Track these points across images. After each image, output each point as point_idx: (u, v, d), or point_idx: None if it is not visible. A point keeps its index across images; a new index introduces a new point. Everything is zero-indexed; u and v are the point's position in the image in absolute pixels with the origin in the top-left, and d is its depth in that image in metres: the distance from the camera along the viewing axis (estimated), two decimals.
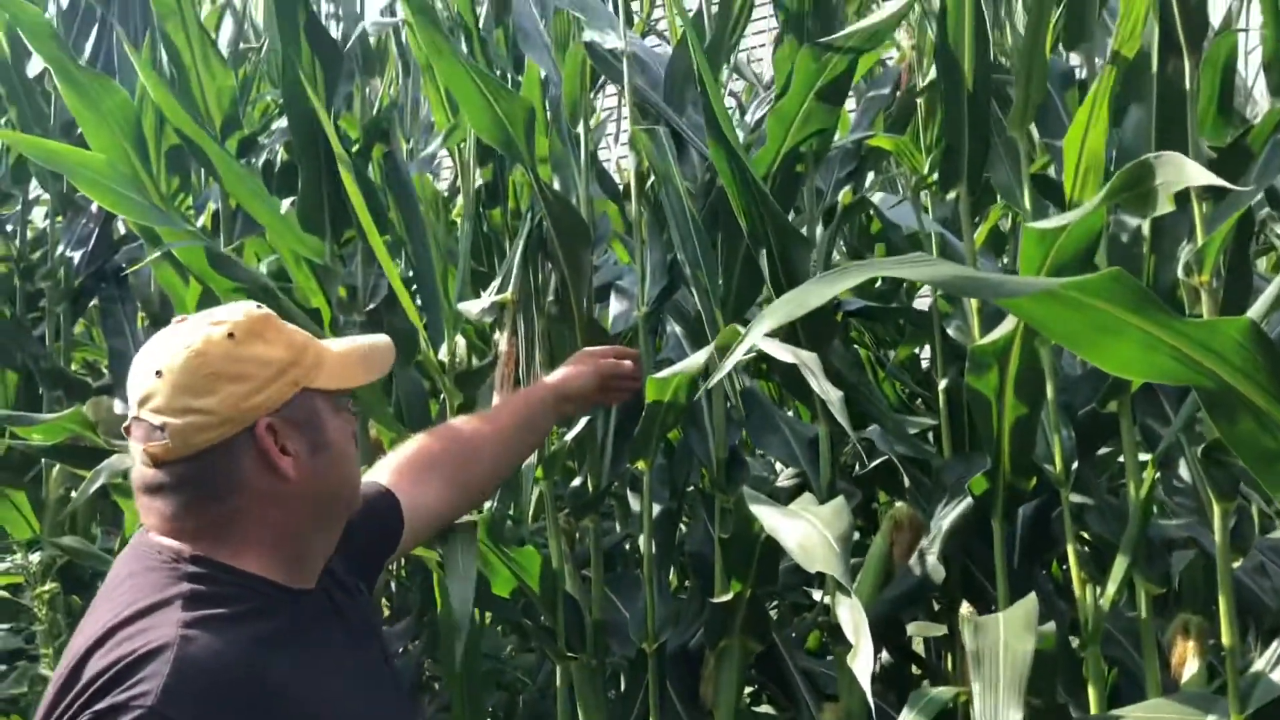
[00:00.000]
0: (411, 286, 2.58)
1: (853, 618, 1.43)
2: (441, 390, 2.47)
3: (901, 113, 2.61)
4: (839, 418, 1.45)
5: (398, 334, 2.51)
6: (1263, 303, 1.40)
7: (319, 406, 1.31)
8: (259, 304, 1.35)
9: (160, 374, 1.23)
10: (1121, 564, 1.63)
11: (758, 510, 1.70)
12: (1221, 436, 1.27)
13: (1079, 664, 1.79)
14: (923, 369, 2.99)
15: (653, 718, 2.04)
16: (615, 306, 2.48)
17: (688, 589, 2.38)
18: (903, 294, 2.90)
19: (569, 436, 2.18)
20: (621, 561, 2.67)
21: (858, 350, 2.81)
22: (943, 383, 2.05)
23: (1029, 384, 1.71)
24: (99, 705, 1.10)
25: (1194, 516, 1.88)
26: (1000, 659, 1.50)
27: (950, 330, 2.08)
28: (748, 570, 1.88)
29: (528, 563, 2.08)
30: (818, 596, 2.42)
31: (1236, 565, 1.86)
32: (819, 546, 1.53)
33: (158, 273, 2.44)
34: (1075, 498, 1.78)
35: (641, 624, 2.07)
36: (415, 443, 1.70)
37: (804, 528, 1.58)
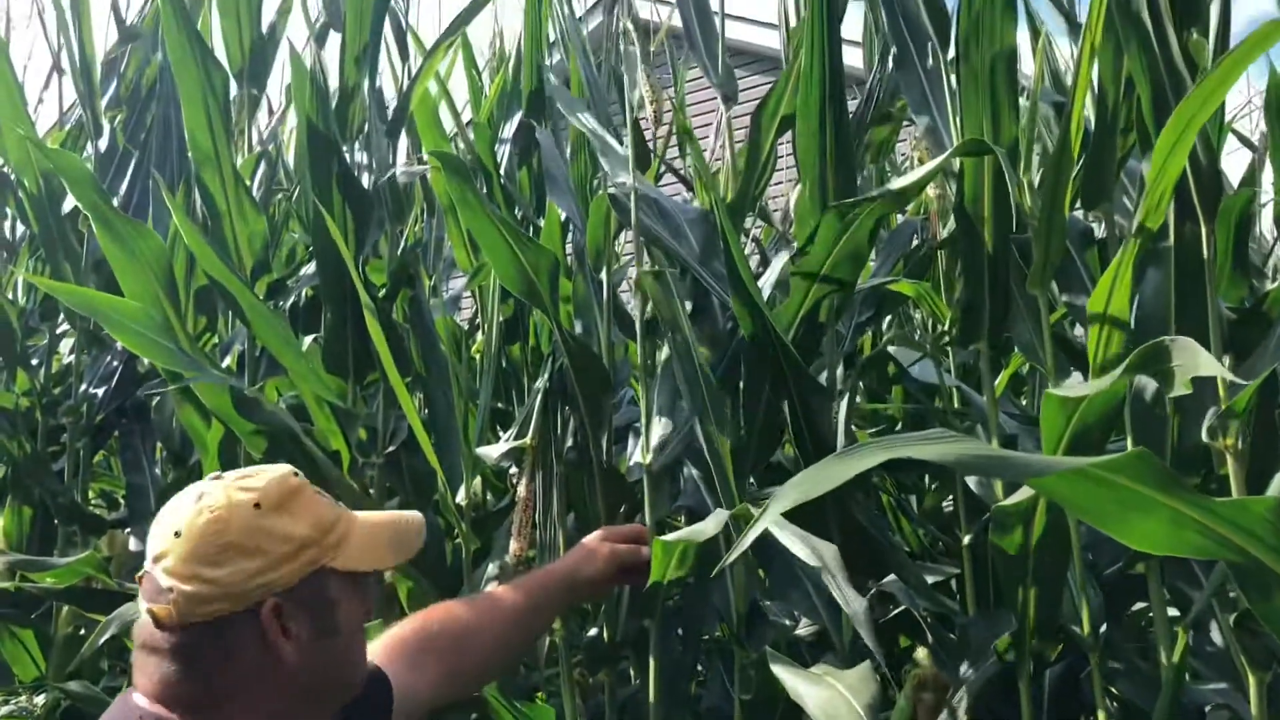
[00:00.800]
0: (431, 428, 2.59)
1: None
2: (458, 533, 2.45)
3: (922, 257, 2.65)
4: (861, 630, 1.42)
5: (416, 476, 2.52)
6: None
7: (334, 588, 1.27)
8: (296, 471, 1.31)
9: (179, 534, 1.21)
10: None
11: (780, 672, 1.66)
12: (1254, 610, 1.24)
13: None
14: (944, 511, 2.97)
15: None
16: (633, 446, 2.47)
17: None
18: None
19: None
20: (638, 717, 2.60)
21: (879, 495, 2.79)
22: (966, 538, 2.03)
23: (1054, 544, 1.69)
24: None
25: (1228, 682, 1.83)
26: None
27: (973, 485, 2.07)
28: None
29: (540, 718, 2.02)
30: None
31: None
32: (845, 715, 1.49)
33: (180, 411, 2.46)
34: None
35: None
36: (413, 622, 1.63)
37: (829, 694, 1.54)
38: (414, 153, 3.45)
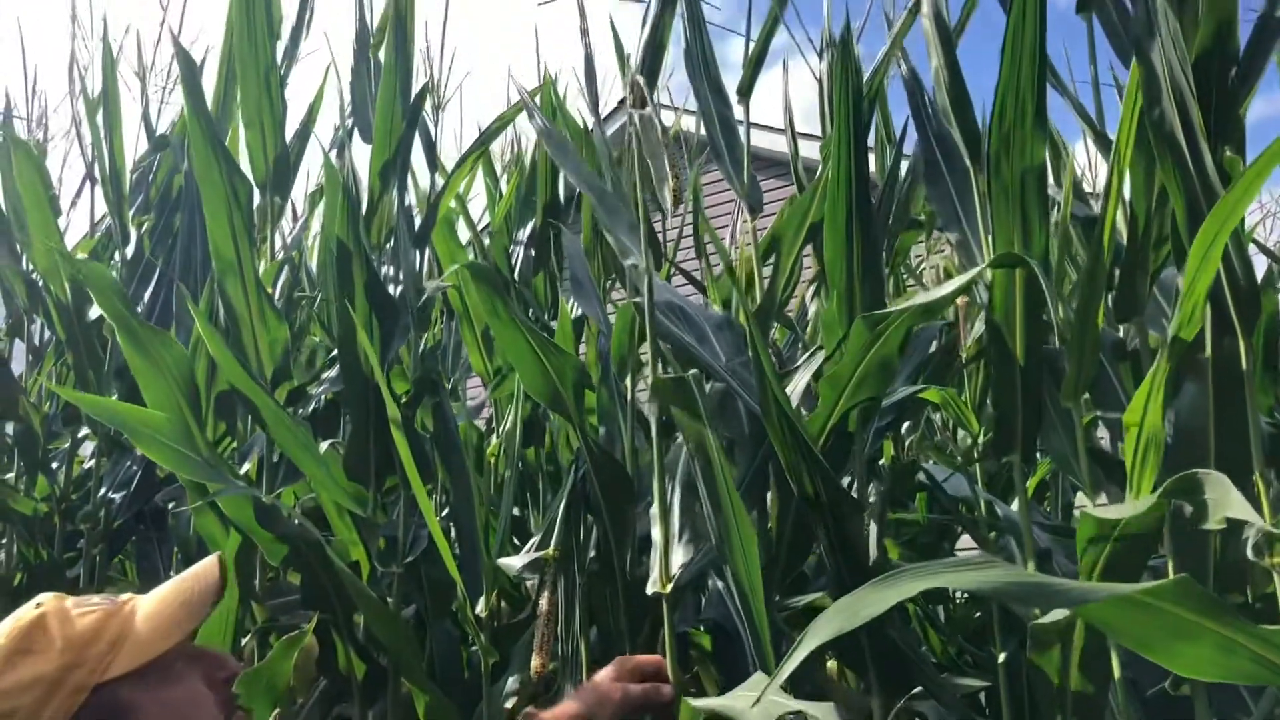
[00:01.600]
0: (450, 536, 2.56)
1: None
2: (475, 644, 2.40)
3: (942, 362, 2.64)
4: None
5: (435, 586, 2.48)
6: None
7: (126, 693, 1.13)
8: (38, 603, 1.18)
9: None
10: None
11: None
12: None
13: None
14: (972, 620, 2.91)
15: None
16: (657, 559, 2.43)
17: None
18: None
19: None
20: None
21: (905, 605, 2.73)
22: (1002, 655, 1.98)
23: (1094, 662, 1.64)
24: None
25: None
26: None
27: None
28: None
29: None
30: None
31: None
32: None
33: (198, 520, 2.44)
34: None
35: None
36: None
37: None
38: (433, 258, 3.48)
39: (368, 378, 2.27)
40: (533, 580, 2.23)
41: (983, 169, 1.74)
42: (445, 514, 2.75)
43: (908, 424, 3.05)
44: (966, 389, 2.58)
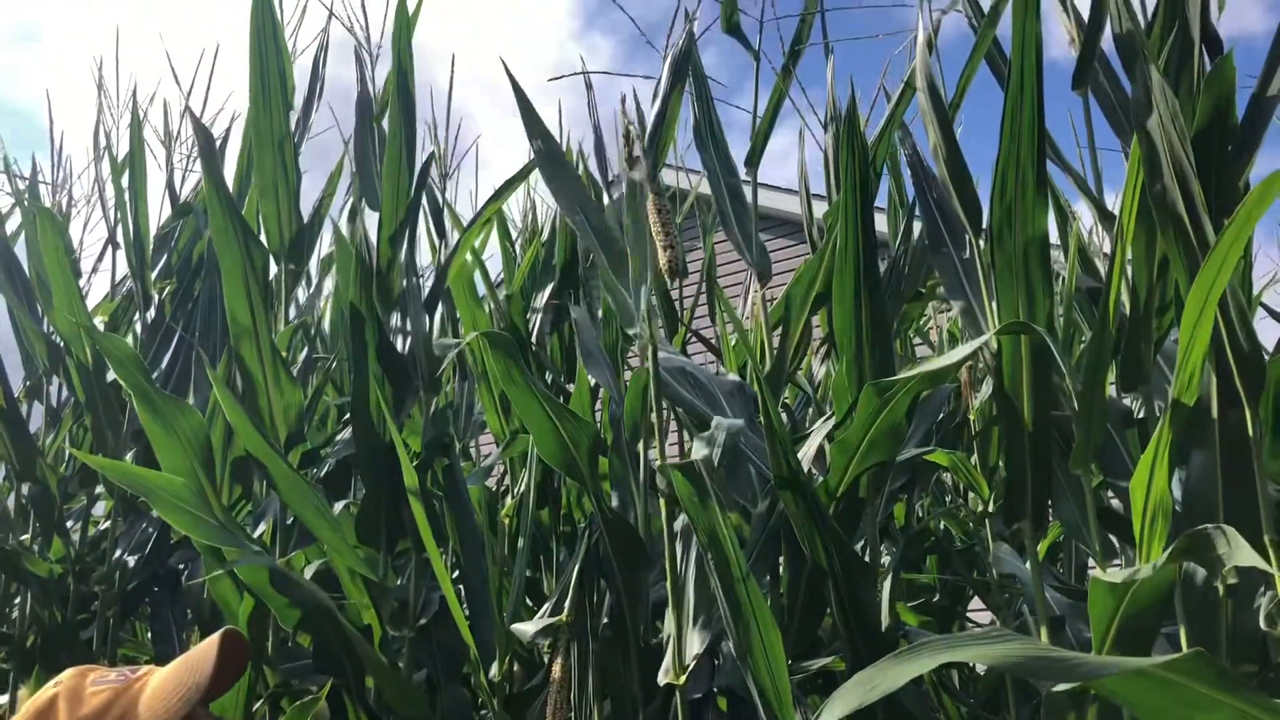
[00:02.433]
0: (461, 599, 2.56)
1: None
2: (488, 710, 2.40)
3: (954, 425, 2.65)
4: None
5: (447, 650, 2.48)
6: None
7: None
8: (58, 681, 1.26)
9: None
10: None
11: None
12: None
13: None
14: (986, 680, 2.89)
15: None
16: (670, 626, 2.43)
17: None
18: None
19: None
20: None
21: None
22: None
23: None
24: None
25: None
26: None
27: None
28: None
29: None
30: None
31: None
32: None
33: (213, 584, 2.45)
34: None
35: None
36: None
37: None
38: (448, 317, 3.52)
39: (381, 443, 2.29)
40: (546, 643, 2.23)
41: (984, 240, 1.77)
42: (456, 576, 2.76)
43: (920, 487, 3.06)
44: (976, 452, 2.59)
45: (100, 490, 3.45)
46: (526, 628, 2.17)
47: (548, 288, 3.21)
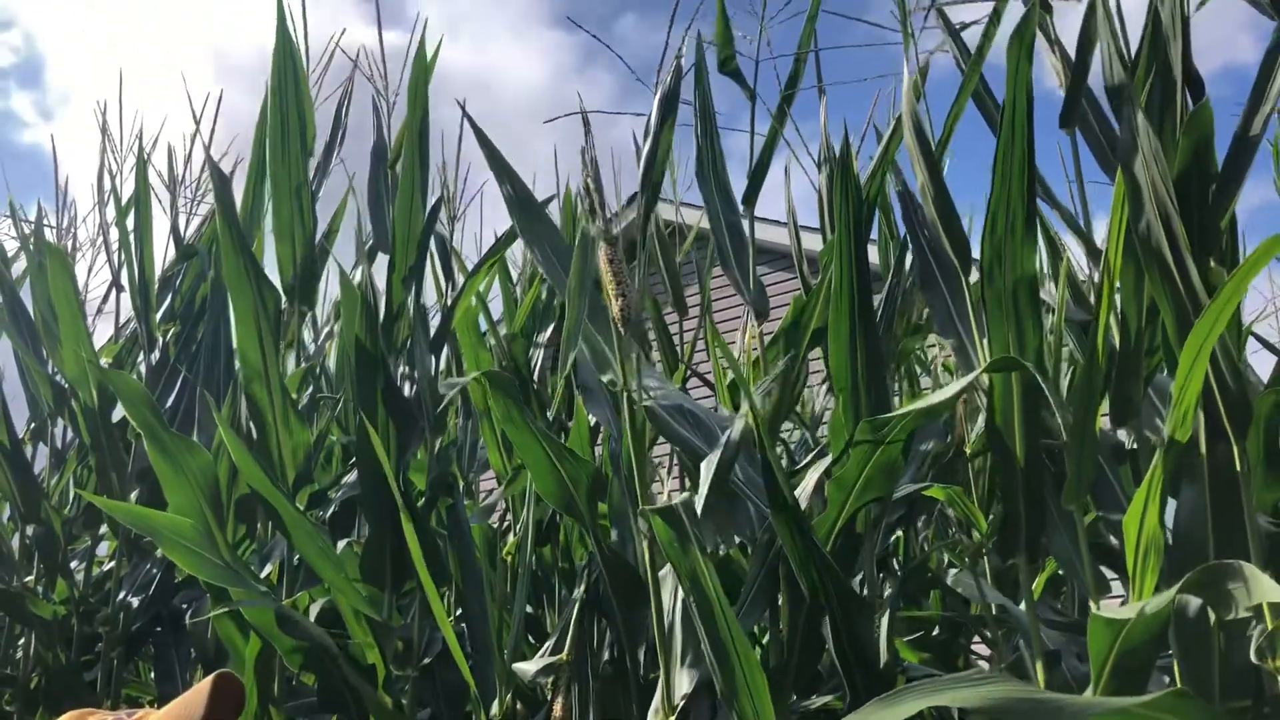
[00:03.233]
0: (465, 638, 2.58)
1: None
2: None
3: (950, 459, 2.67)
4: None
5: (450, 689, 2.49)
6: None
7: None
8: None
9: None
10: None
11: None
12: None
13: None
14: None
15: None
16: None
17: None
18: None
19: None
20: None
21: None
22: None
23: None
24: None
25: None
26: None
27: None
28: None
29: None
30: None
31: None
32: None
33: (218, 624, 2.46)
34: None
35: None
36: None
37: None
38: (452, 354, 3.56)
39: (385, 483, 2.32)
40: (548, 681, 2.24)
41: (974, 277, 1.81)
42: (459, 614, 2.77)
43: (922, 519, 3.07)
44: (973, 486, 2.61)
45: (104, 531, 3.48)
46: (528, 667, 2.19)
47: (548, 328, 3.24)
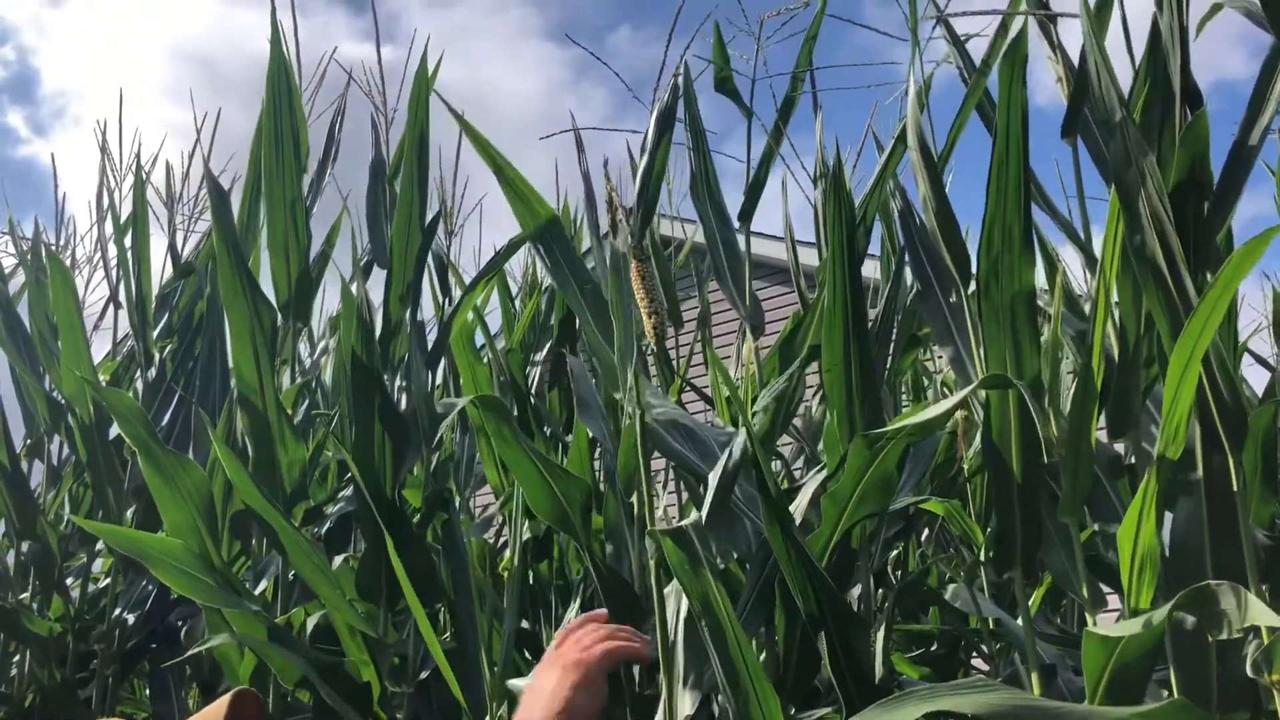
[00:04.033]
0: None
1: None
2: None
3: (952, 471, 2.67)
4: None
5: (445, 706, 2.48)
6: None
7: None
8: None
9: None
10: None
11: None
12: None
13: None
14: None
15: None
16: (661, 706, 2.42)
17: None
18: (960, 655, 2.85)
19: None
20: None
21: None
22: None
23: None
24: None
25: None
26: None
27: None
28: None
29: None
30: None
31: None
32: None
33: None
34: None
35: None
36: None
37: None
38: (448, 369, 3.55)
39: (381, 500, 2.31)
40: None
41: (973, 290, 1.81)
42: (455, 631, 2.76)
43: (925, 533, 3.07)
44: (970, 500, 2.60)
45: (100, 548, 3.47)
46: (521, 683, 2.17)
47: (546, 345, 3.24)
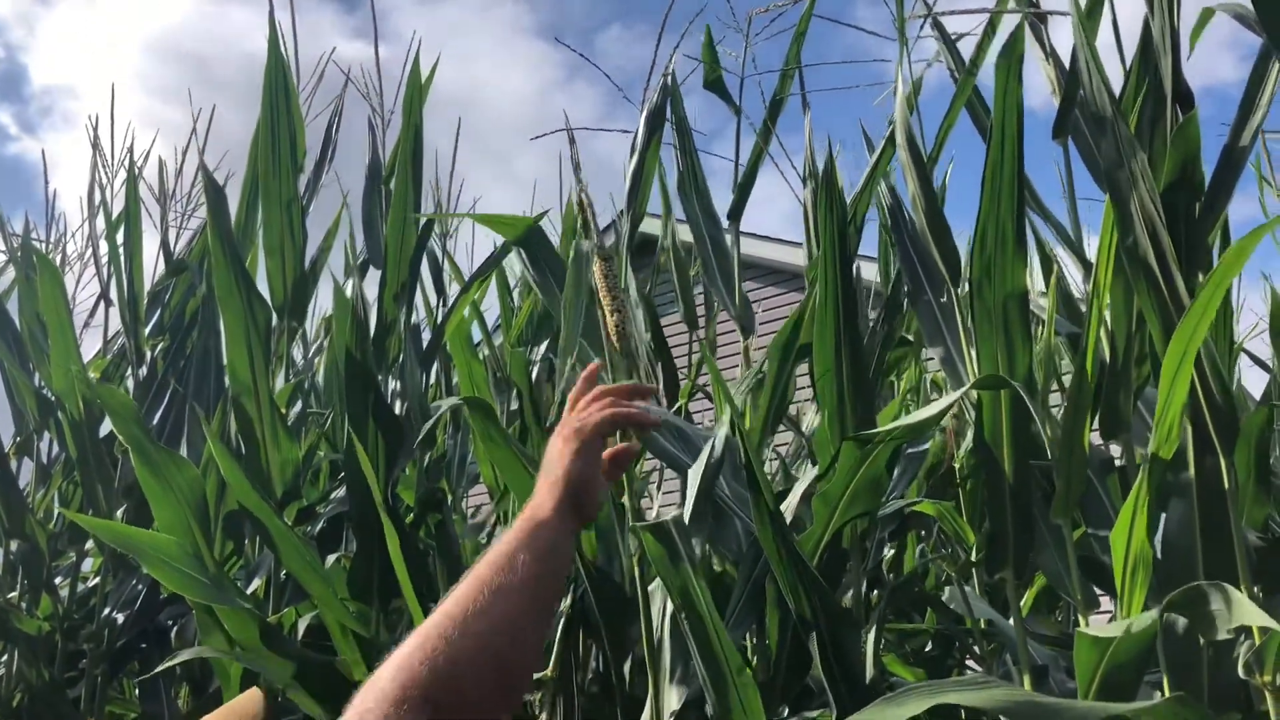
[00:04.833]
0: None
1: None
2: None
3: (943, 474, 2.66)
4: None
5: None
6: None
7: None
8: None
9: None
10: None
11: None
12: None
13: None
14: None
15: None
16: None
17: None
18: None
19: None
20: None
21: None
22: None
23: None
24: None
25: None
26: None
27: None
28: None
29: None
30: None
31: None
32: None
33: (205, 640, 2.44)
34: None
35: None
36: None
37: None
38: (441, 369, 3.54)
39: (373, 500, 2.30)
40: (533, 699, 2.23)
41: (963, 290, 1.80)
42: None
43: (924, 532, 3.06)
44: (963, 501, 2.60)
45: (90, 547, 3.45)
46: None
47: (544, 342, 3.23)
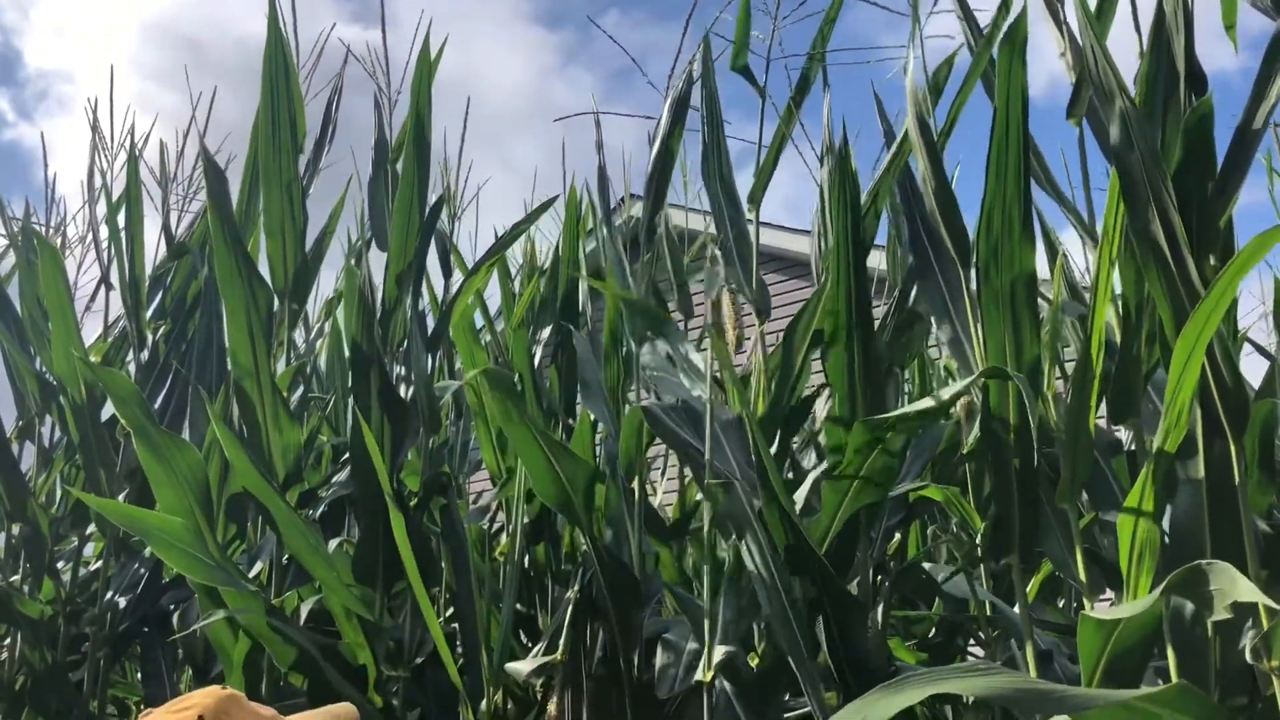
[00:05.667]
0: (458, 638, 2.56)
1: None
2: None
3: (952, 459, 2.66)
4: None
5: (441, 690, 2.48)
6: None
7: None
8: (231, 691, 1.27)
9: None
10: None
11: None
12: None
13: None
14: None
15: None
16: (662, 658, 2.42)
17: None
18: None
19: None
20: None
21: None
22: None
23: None
24: None
25: None
26: None
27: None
28: None
29: None
30: None
31: None
32: None
33: (208, 626, 2.44)
34: None
35: None
36: None
37: None
38: (444, 355, 3.53)
39: (378, 484, 2.30)
40: (541, 681, 2.23)
41: (972, 271, 1.80)
42: (451, 614, 2.75)
43: (928, 517, 3.06)
44: (970, 486, 2.60)
45: (91, 531, 3.45)
46: (521, 666, 2.18)
47: (548, 327, 3.22)
